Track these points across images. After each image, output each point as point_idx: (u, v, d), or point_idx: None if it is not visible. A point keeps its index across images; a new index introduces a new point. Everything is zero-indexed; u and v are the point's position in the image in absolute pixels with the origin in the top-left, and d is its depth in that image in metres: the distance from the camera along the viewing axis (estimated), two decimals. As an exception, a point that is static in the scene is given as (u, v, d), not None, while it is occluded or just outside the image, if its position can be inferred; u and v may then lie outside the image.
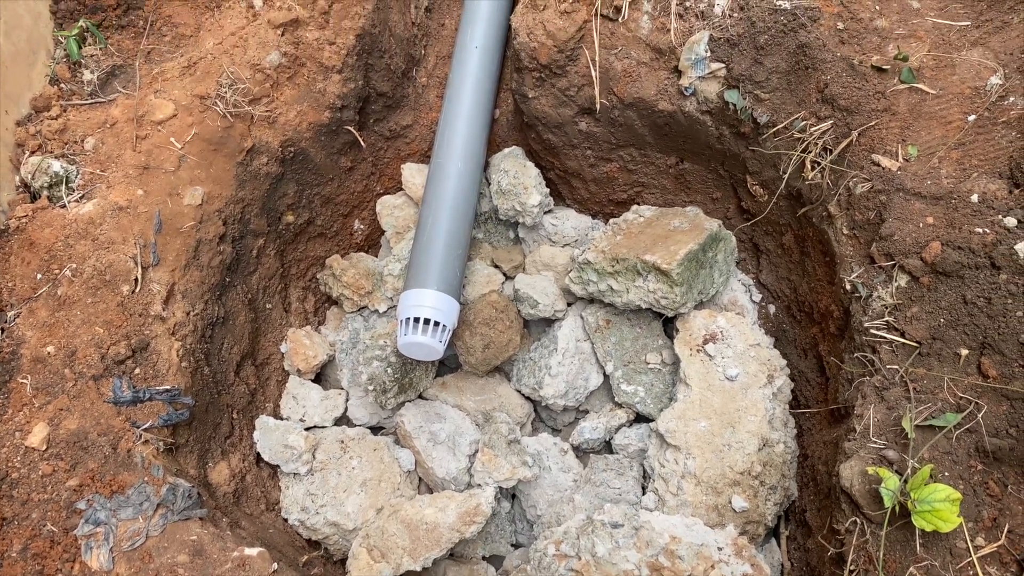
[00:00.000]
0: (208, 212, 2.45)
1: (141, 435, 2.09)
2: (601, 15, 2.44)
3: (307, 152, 2.71)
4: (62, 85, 2.50)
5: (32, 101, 2.45)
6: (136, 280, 2.23)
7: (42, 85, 2.49)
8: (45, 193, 2.30)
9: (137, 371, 2.18)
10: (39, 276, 2.20)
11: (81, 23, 2.56)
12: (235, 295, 2.60)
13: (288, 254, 2.88)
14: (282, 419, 2.72)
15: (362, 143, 2.87)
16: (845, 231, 2.13)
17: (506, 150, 3.02)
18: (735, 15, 2.29)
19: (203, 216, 2.43)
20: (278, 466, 2.57)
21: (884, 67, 2.14)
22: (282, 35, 2.54)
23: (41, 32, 2.53)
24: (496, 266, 3.01)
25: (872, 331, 1.99)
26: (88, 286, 2.19)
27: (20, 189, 2.36)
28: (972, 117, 2.03)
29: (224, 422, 2.49)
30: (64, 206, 2.28)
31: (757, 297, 2.72)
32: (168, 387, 2.18)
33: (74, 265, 2.20)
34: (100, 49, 2.57)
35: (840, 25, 2.21)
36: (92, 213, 2.27)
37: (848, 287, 2.09)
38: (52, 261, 2.21)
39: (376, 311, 2.88)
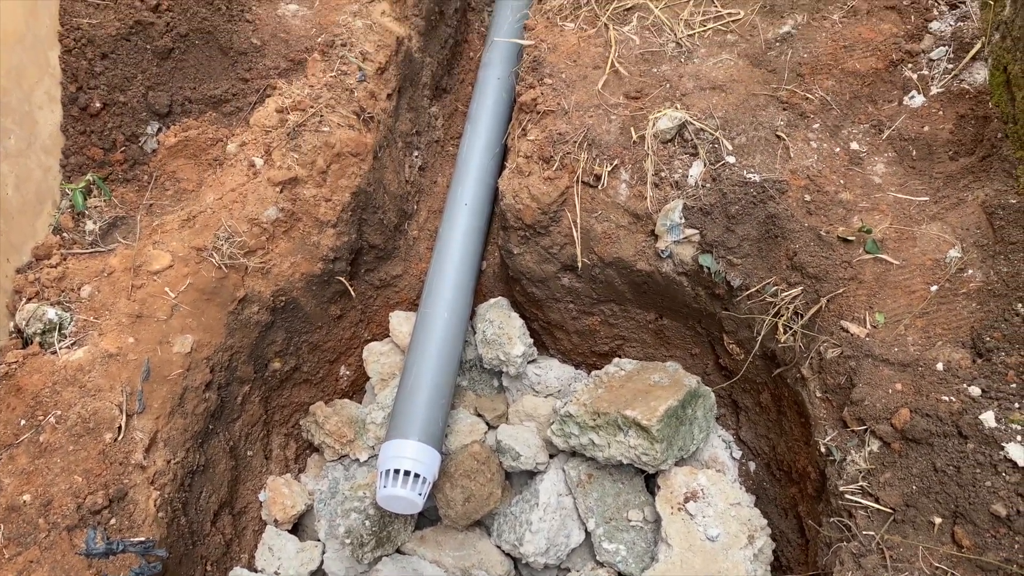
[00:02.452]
0: (196, 360, 2.49)
1: (110, 590, 2.05)
2: (582, 182, 2.58)
3: (298, 301, 2.78)
4: (65, 234, 2.60)
5: (34, 250, 2.54)
6: (120, 428, 2.24)
7: (45, 234, 2.59)
8: (37, 339, 2.35)
9: (113, 521, 2.15)
10: (23, 422, 2.21)
11: (88, 177, 2.70)
12: (217, 442, 2.60)
13: (272, 400, 2.90)
14: (257, 571, 2.65)
15: (352, 293, 2.95)
16: (818, 394, 2.19)
17: (492, 300, 3.11)
18: (707, 185, 2.43)
19: (191, 364, 2.47)
20: (249, 622, 2.49)
21: (850, 238, 2.26)
22: (281, 192, 2.67)
23: (49, 184, 2.66)
24: (479, 415, 3.03)
25: (847, 495, 2.01)
26: (71, 433, 2.20)
27: (13, 335, 2.41)
28: (934, 287, 2.13)
29: (197, 575, 2.43)
30: (55, 352, 2.33)
31: (737, 454, 2.74)
32: (142, 539, 2.15)
33: (59, 412, 2.22)
34: (104, 201, 2.69)
35: (807, 197, 2.34)
36: (82, 360, 2.31)
37: (823, 450, 2.12)
38: (37, 407, 2.23)
39: (357, 460, 2.88)
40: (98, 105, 2.75)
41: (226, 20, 2.91)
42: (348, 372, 3.14)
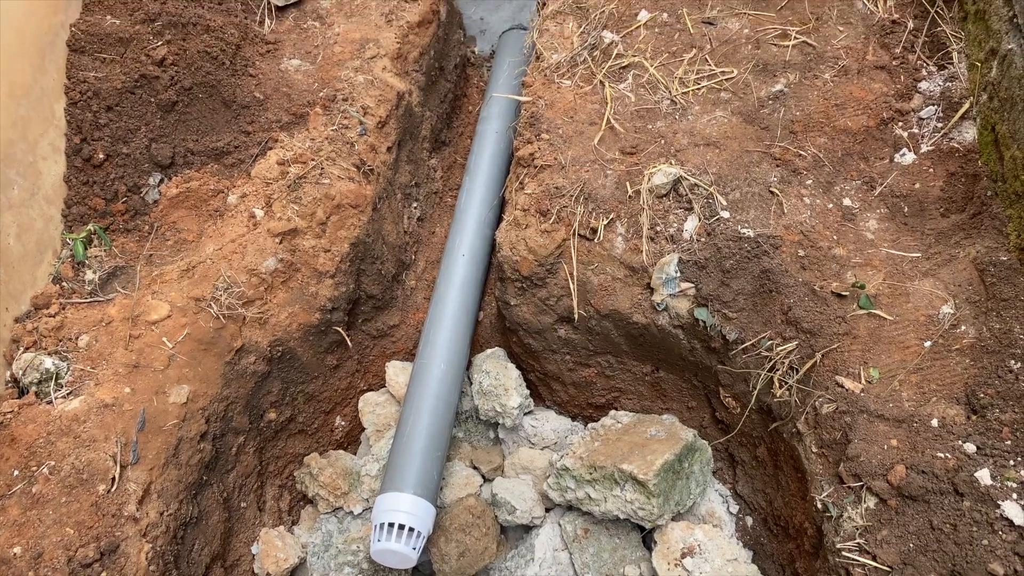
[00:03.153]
0: (192, 410, 2.49)
1: (98, 646, 2.01)
2: (578, 235, 2.61)
3: (295, 351, 2.79)
4: (64, 284, 2.62)
5: (33, 299, 2.55)
6: (113, 479, 2.23)
7: (45, 283, 2.61)
8: (34, 389, 2.35)
9: (104, 575, 2.13)
10: (16, 473, 2.20)
11: (90, 227, 2.73)
12: (211, 494, 2.58)
13: (267, 451, 2.89)
14: (247, 626, 2.61)
15: (349, 343, 2.96)
16: (814, 449, 2.19)
17: (489, 351, 3.12)
18: (702, 240, 2.46)
19: (187, 414, 2.47)
20: None
21: (843, 293, 2.28)
22: (280, 242, 2.69)
23: (51, 234, 2.68)
24: (475, 467, 3.01)
25: (845, 553, 1.99)
26: (64, 484, 2.19)
27: (10, 384, 2.41)
28: (928, 343, 2.14)
29: (186, 630, 2.39)
30: (51, 402, 2.32)
31: (734, 508, 2.72)
32: (132, 593, 2.13)
33: (53, 463, 2.21)
34: (105, 251, 2.71)
35: (801, 252, 2.37)
36: (77, 410, 2.31)
37: (820, 506, 2.11)
38: (31, 458, 2.22)
39: (351, 512, 2.85)
40: (102, 156, 2.79)
41: (230, 74, 2.97)
42: (343, 423, 3.13)
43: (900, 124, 2.60)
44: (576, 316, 2.69)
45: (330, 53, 3.22)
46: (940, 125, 2.55)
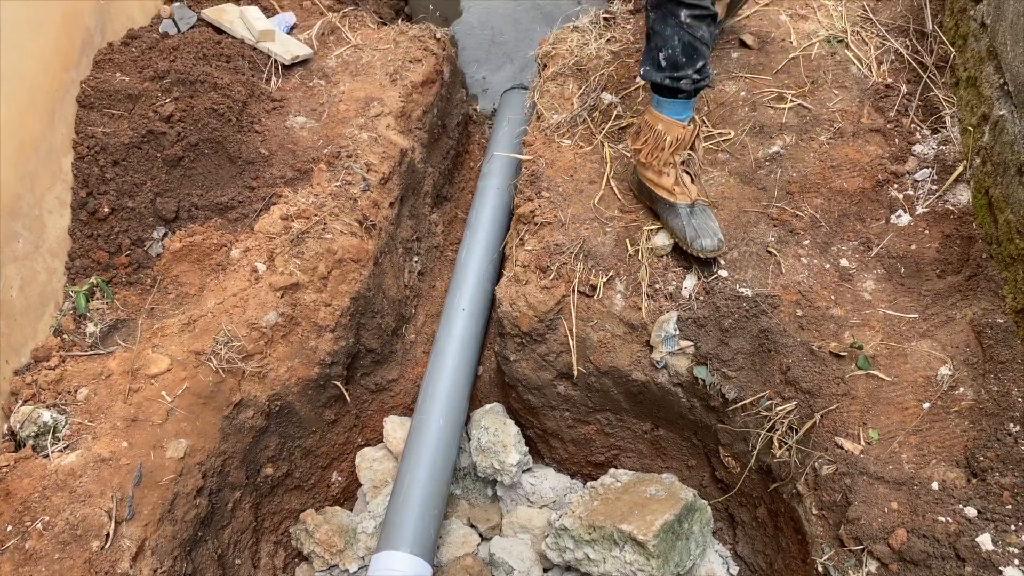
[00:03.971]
0: (189, 465, 2.47)
1: None
2: (578, 292, 2.62)
3: (293, 406, 2.78)
4: (65, 336, 2.62)
5: (34, 351, 2.55)
6: (107, 535, 2.20)
7: (46, 336, 2.61)
8: (31, 442, 2.34)
9: (93, 634, 2.10)
10: (9, 528, 2.18)
11: (93, 279, 2.74)
12: (205, 550, 2.55)
13: (263, 507, 2.86)
14: None
15: (347, 397, 2.96)
16: (814, 511, 2.17)
17: (487, 406, 3.11)
18: (701, 298, 2.47)
19: (184, 469, 2.45)
20: None
21: (842, 353, 2.29)
22: (281, 297, 2.71)
23: (54, 286, 2.70)
24: (472, 525, 2.98)
25: (847, 618, 1.97)
26: (58, 540, 2.17)
27: (6, 437, 2.40)
28: (927, 405, 2.15)
29: None
30: (47, 456, 2.31)
31: (734, 570, 2.69)
32: (122, 654, 2.09)
33: (47, 518, 2.19)
34: (106, 304, 2.72)
35: (799, 312, 2.39)
36: (74, 464, 2.30)
37: (820, 569, 2.09)
38: (26, 513, 2.20)
39: (347, 571, 2.81)
40: (106, 210, 2.83)
41: (236, 131, 3.02)
42: (340, 478, 3.11)
43: (896, 186, 2.63)
44: (575, 372, 2.69)
45: (335, 111, 3.28)
46: (935, 187, 2.59)
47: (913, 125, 2.76)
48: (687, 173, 2.51)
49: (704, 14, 2.26)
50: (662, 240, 2.56)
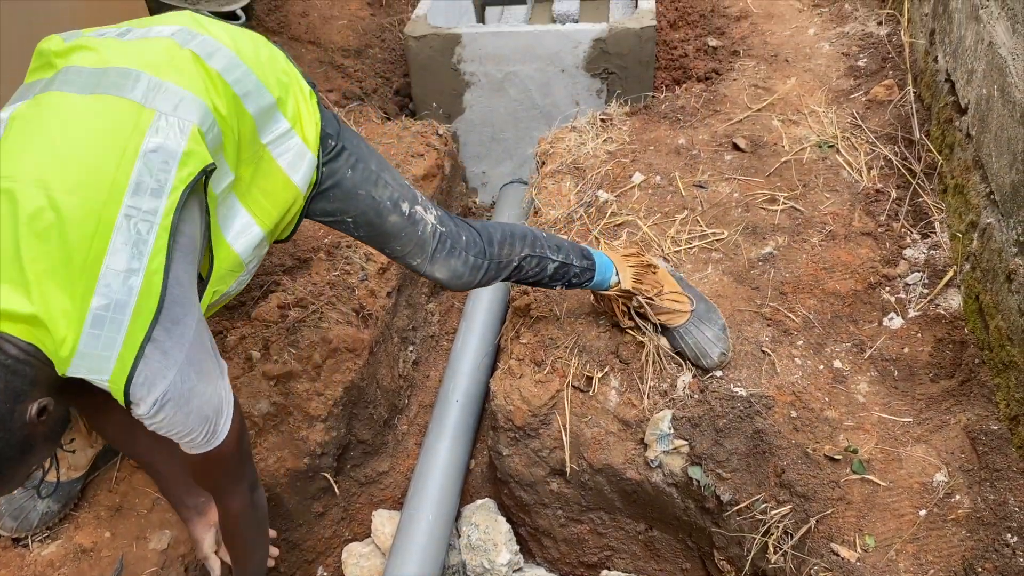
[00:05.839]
0: (171, 557, 2.41)
1: None
2: (572, 386, 2.62)
3: (281, 497, 2.73)
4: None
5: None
6: (81, 631, 2.14)
7: (35, 420, 2.59)
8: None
9: None
10: (-19, 622, 2.12)
11: (87, 364, 2.73)
12: (182, 649, 2.46)
13: (245, 603, 2.78)
14: None
15: (336, 490, 2.91)
16: (811, 621, 2.12)
17: (479, 502, 3.06)
18: (696, 396, 2.47)
19: (166, 561, 2.39)
20: None
21: (836, 456, 2.27)
22: (274, 385, 2.70)
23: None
24: (460, 626, 2.89)
25: None
26: (30, 636, 2.10)
27: (-14, 525, 2.35)
28: (923, 512, 2.12)
29: None
30: (27, 546, 2.26)
31: None
32: None
33: (21, 611, 2.13)
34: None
35: (793, 414, 2.38)
36: (53, 555, 2.25)
37: None
38: (-1, 606, 2.14)
39: (328, 673, 2.72)
40: (106, 294, 2.84)
41: (238, 219, 3.06)
42: (326, 574, 3.03)
43: (887, 289, 2.67)
44: (568, 470, 2.66)
45: (336, 201, 3.34)
46: (926, 291, 2.62)
47: (904, 229, 2.82)
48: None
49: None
50: (663, 342, 2.57)
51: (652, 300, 2.51)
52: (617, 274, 2.51)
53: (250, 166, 1.77)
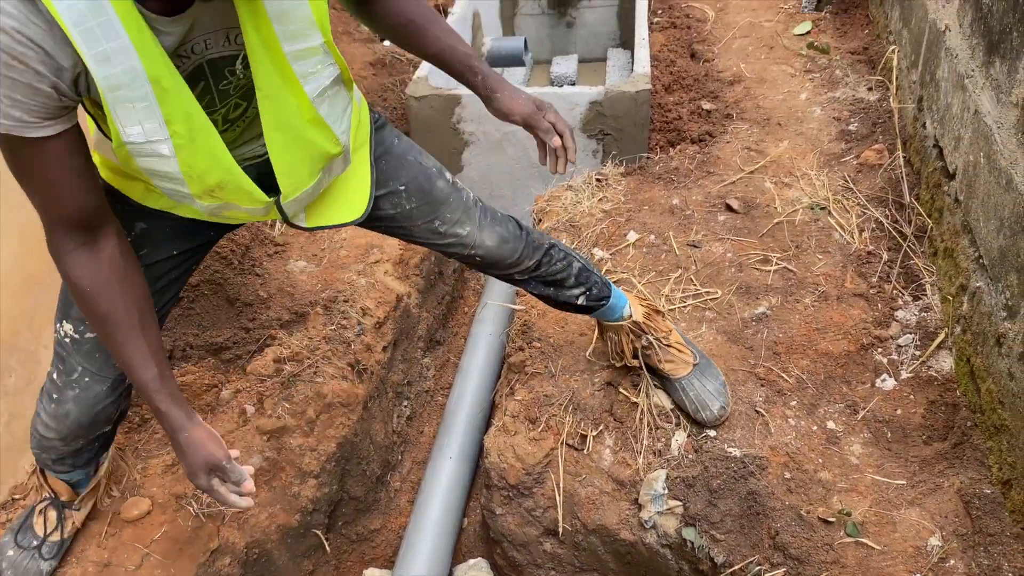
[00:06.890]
0: (158, 615, 2.38)
1: None
2: (567, 444, 2.62)
3: (271, 554, 2.70)
4: (46, 474, 2.58)
5: (12, 489, 2.51)
6: None
7: (27, 474, 2.57)
8: (-4, 586, 2.27)
9: None
10: None
11: (81, 416, 2.73)
12: None
13: (232, 663, 2.73)
14: None
15: (327, 547, 2.88)
16: None
17: (472, 561, 3.02)
18: (690, 456, 2.47)
19: (152, 620, 2.36)
20: None
21: (830, 519, 2.26)
22: (268, 440, 2.70)
23: (41, 422, 2.68)
24: None
25: None
26: None
27: (-28, 580, 2.32)
28: (918, 577, 2.10)
29: None
30: (14, 602, 2.23)
31: None
32: None
33: (3, 670, 2.09)
34: (92, 441, 2.70)
35: (787, 475, 2.38)
36: (39, 612, 2.21)
37: None
38: (-19, 664, 2.10)
39: None
40: (102, 347, 2.85)
41: (237, 273, 3.10)
42: (315, 633, 2.98)
43: (880, 350, 2.69)
44: (561, 530, 2.64)
45: (335, 256, 3.38)
46: (918, 353, 2.64)
47: (895, 291, 2.85)
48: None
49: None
50: (663, 400, 2.58)
51: (661, 342, 2.52)
52: (629, 307, 2.52)
53: None
